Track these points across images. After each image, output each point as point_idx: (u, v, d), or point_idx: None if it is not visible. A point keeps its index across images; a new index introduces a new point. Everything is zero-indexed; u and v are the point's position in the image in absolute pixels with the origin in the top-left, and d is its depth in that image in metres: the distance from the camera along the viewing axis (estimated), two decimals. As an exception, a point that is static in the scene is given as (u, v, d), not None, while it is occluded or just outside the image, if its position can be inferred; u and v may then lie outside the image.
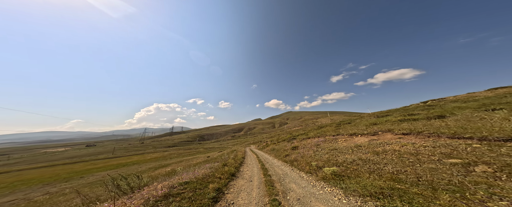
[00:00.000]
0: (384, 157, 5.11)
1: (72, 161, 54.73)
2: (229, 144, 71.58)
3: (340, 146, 7.79)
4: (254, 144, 42.57)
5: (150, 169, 21.45)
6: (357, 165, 5.12)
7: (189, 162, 17.98)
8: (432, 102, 16.67)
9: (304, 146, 10.63)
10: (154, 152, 62.97)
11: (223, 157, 12.10)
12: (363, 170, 4.69)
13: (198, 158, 22.20)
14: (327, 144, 9.14)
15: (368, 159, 5.35)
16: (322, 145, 9.31)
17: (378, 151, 5.67)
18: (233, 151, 20.76)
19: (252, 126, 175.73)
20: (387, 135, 7.11)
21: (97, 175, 23.90)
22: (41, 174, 30.95)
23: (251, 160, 11.42)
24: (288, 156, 9.61)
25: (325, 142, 9.79)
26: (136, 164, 33.66)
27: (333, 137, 10.14)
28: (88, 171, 29.84)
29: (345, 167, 5.17)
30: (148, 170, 19.37)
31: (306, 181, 4.99)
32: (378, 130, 8.09)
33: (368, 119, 12.24)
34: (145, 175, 7.17)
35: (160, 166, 23.69)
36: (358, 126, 10.66)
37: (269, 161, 10.21)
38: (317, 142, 10.37)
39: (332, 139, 9.91)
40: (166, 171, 11.90)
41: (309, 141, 11.89)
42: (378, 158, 5.20)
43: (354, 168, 4.95)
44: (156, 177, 7.43)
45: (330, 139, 9.86)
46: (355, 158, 5.68)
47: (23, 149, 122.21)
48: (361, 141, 7.57)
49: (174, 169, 12.48)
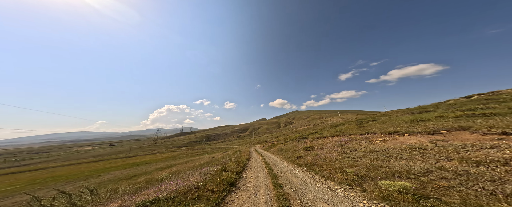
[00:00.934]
0: (487, 168, 2.88)
1: (96, 159, 58.89)
2: (235, 144, 70.70)
3: (381, 147, 5.58)
4: (259, 144, 40.78)
5: (157, 169, 21.18)
6: (444, 179, 2.92)
7: (194, 162, 17.05)
8: (480, 97, 13.15)
9: (322, 146, 8.43)
10: (165, 152, 64.82)
11: (225, 159, 10.68)
12: (462, 189, 2.52)
13: (204, 158, 21.41)
14: (356, 144, 6.93)
15: (458, 170, 3.03)
16: (348, 145, 7.11)
17: (466, 158, 3.37)
18: (237, 151, 19.22)
19: (257, 126, 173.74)
20: (463, 134, 4.70)
21: (112, 174, 24.46)
22: (69, 171, 33.16)
23: (256, 163, 9.52)
24: (302, 158, 7.51)
25: (351, 141, 7.57)
26: (148, 163, 34.27)
27: (361, 136, 7.84)
28: (107, 169, 31.08)
29: (421, 182, 2.97)
30: (154, 171, 18.98)
31: (348, 199, 2.96)
32: (436, 127, 5.68)
33: (400, 115, 9.57)
34: (134, 180, 5.91)
35: (167, 166, 23.40)
36: (393, 123, 8.25)
37: (278, 163, 8.22)
38: (339, 141, 8.21)
39: (360, 138, 7.63)
40: (157, 178, 9.81)
41: (326, 140, 9.75)
42: (477, 169, 2.92)
43: (441, 184, 2.76)
44: (138, 189, 6.03)
45: (358, 138, 7.62)
46: (432, 167, 3.38)
47: (60, 148, 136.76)
48: (414, 141, 5.26)
49: (171, 171, 11.33)
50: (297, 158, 7.98)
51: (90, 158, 64.98)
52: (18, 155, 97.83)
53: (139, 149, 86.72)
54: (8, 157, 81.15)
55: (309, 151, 8.62)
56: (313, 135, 14.31)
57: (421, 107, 11.36)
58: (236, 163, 8.22)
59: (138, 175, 18.32)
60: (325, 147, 8.11)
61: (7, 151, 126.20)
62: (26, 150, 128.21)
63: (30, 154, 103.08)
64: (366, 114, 72.53)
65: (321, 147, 8.55)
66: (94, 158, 62.21)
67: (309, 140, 11.70)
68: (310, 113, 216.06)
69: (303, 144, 10.76)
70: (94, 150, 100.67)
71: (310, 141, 11.44)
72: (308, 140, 12.02)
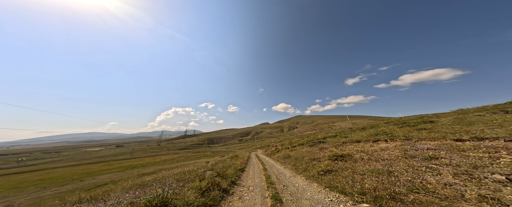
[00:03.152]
0: None
1: (97, 160, 56.71)
2: (236, 148, 66.30)
3: None
4: (261, 149, 36.66)
5: (143, 174, 18.29)
6: None
7: (183, 168, 13.88)
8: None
9: (367, 154, 4.99)
10: (166, 154, 61.63)
11: (217, 167, 7.50)
12: None
13: (198, 163, 18.31)
14: (455, 155, 3.42)
15: None
16: (445, 156, 3.65)
17: None
18: (233, 157, 15.63)
19: (259, 130, 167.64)
20: None
21: (98, 178, 21.79)
22: (62, 174, 30.81)
23: (255, 175, 6.13)
24: (331, 174, 4.09)
25: (450, 151, 3.96)
26: (143, 167, 31.45)
27: (451, 143, 4.01)
28: (99, 172, 28.49)
29: None
30: (138, 176, 16.05)
31: None
32: None
33: (482, 116, 5.76)
34: (104, 188, 2.93)
35: (155, 170, 20.51)
36: (477, 125, 4.72)
37: (287, 180, 4.80)
38: (403, 149, 4.62)
39: (447, 145, 3.99)
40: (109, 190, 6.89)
41: (362, 146, 6.21)
42: None
43: None
44: None
45: (441, 146, 4.00)
46: None
47: (72, 147, 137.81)
48: None
49: (142, 180, 8.11)
50: (324, 173, 4.42)
51: (93, 159, 63.00)
52: (34, 154, 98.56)
53: (142, 150, 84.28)
54: (21, 156, 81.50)
55: (341, 161, 5.08)
56: (332, 138, 10.51)
57: (469, 109, 7.51)
58: (223, 179, 4.88)
59: (116, 181, 15.41)
60: (379, 158, 4.55)
61: (24, 150, 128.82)
62: (42, 149, 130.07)
63: (44, 153, 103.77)
64: (379, 119, 64.15)
65: (366, 155, 4.97)
66: (96, 159, 60.09)
67: (331, 145, 8.07)
68: (315, 117, 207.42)
69: (324, 151, 7.15)
70: (101, 151, 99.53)
71: (334, 146, 7.81)
72: (328, 145, 8.41)
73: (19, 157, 77.98)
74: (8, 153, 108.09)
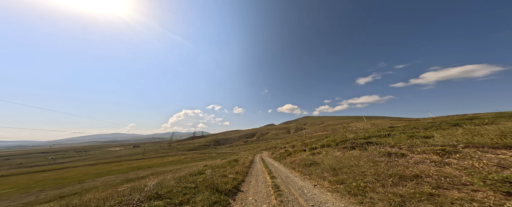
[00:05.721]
0: None
1: (113, 160, 58.37)
2: (241, 149, 63.72)
3: None
4: (267, 151, 33.59)
5: (145, 176, 16.98)
6: None
7: (182, 171, 12.03)
8: None
9: None
10: (174, 155, 61.48)
11: (212, 174, 5.41)
12: None
13: (199, 165, 16.57)
14: None
15: None
16: None
17: None
18: (231, 161, 13.21)
19: (265, 131, 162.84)
20: None
21: (97, 181, 21.00)
22: (77, 173, 31.23)
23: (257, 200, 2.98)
24: None
25: None
26: (150, 167, 30.68)
27: None
28: (107, 173, 28.17)
29: None
30: (142, 177, 14.61)
31: None
32: None
33: None
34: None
35: (158, 172, 19.13)
36: None
37: None
38: None
39: None
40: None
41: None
42: None
43: None
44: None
45: None
46: None
47: (98, 147, 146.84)
48: None
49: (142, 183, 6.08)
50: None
51: (110, 158, 65.11)
52: (68, 152, 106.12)
53: (153, 151, 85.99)
54: (54, 155, 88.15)
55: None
56: (386, 138, 5.92)
57: None
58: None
59: (117, 184, 14.05)
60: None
61: (62, 148, 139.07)
62: (74, 148, 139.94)
63: (75, 152, 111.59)
64: (403, 120, 52.07)
65: None
66: (113, 159, 61.85)
67: (407, 150, 4.29)
68: (324, 118, 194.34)
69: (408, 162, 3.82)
70: (120, 150, 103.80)
71: (410, 151, 4.13)
72: (395, 148, 4.62)
73: (50, 155, 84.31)
74: (49, 151, 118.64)
